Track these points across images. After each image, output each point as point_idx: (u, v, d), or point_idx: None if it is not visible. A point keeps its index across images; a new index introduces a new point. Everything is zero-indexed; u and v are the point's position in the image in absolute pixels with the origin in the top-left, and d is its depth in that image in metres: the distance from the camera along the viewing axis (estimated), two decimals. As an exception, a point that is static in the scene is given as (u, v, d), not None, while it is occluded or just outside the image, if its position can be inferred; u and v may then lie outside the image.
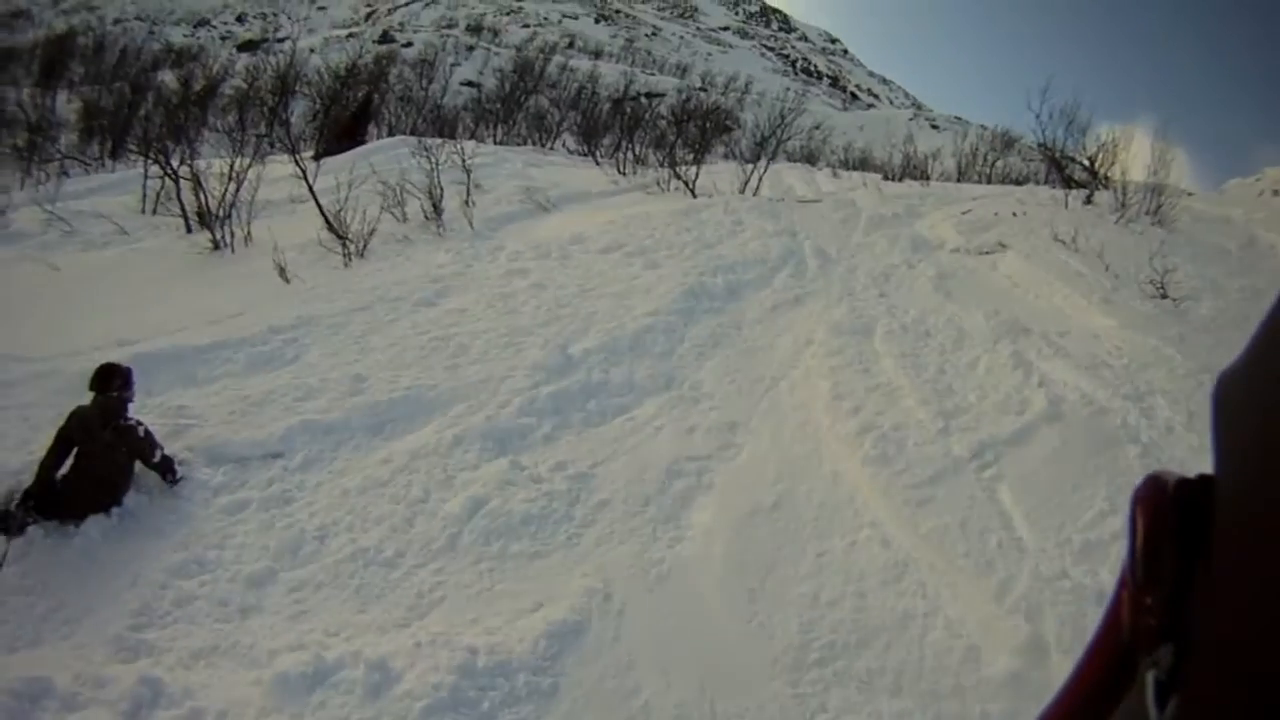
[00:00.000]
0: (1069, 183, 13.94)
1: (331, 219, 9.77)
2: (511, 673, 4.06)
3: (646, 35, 78.63)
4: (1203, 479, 0.44)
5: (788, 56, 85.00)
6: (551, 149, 19.20)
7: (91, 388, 5.74)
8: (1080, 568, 4.36)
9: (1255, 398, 0.41)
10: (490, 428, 5.90)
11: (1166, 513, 0.45)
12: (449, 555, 4.94)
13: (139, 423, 5.75)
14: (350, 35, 60.76)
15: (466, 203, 10.91)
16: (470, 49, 58.57)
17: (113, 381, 5.76)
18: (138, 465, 5.75)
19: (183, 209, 11.28)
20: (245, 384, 6.68)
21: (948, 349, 6.84)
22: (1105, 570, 4.33)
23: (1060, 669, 3.74)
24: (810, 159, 23.43)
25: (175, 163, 12.04)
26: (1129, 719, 0.48)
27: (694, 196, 12.20)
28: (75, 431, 5.59)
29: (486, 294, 7.94)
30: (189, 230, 11.11)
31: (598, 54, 65.10)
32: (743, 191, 12.97)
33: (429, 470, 5.58)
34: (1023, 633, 4.00)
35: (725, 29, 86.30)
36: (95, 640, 4.69)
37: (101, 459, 5.60)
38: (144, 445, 5.68)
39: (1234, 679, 0.40)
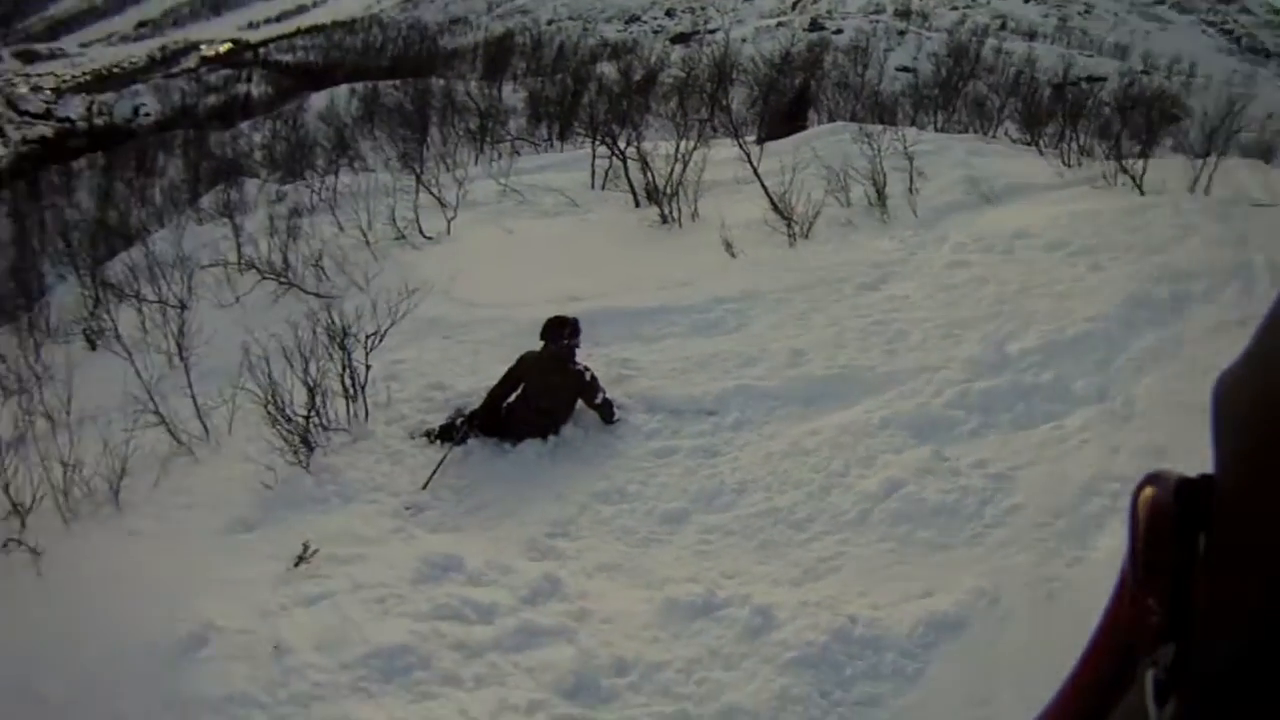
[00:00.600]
0: None
1: (776, 200, 10.12)
2: (882, 649, 4.25)
3: (1079, 13, 71.13)
4: (1203, 478, 0.45)
5: (1231, 32, 72.40)
6: (993, 137, 18.34)
7: (542, 337, 6.65)
8: None
9: (1255, 397, 0.41)
10: (918, 415, 5.99)
11: (1166, 512, 0.46)
12: (856, 529, 5.17)
13: (586, 368, 6.62)
14: (780, 24, 62.15)
15: (910, 190, 10.79)
16: (901, 34, 57.14)
17: (562, 332, 6.65)
18: (578, 405, 6.67)
19: (630, 185, 12.34)
20: (687, 346, 7.38)
21: None
22: None
23: None
24: (1265, 153, 19.95)
25: (622, 144, 13.11)
26: (1129, 718, 0.48)
27: (1141, 194, 11.11)
28: (524, 373, 6.59)
29: (928, 283, 7.92)
30: (637, 205, 12.14)
31: (1031, 35, 60.29)
32: (1191, 190, 11.55)
33: (852, 446, 5.82)
34: None
35: (1161, 2, 75.62)
36: (510, 538, 5.63)
37: (547, 397, 6.54)
38: (590, 388, 6.55)
39: (1234, 678, 0.41)
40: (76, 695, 4.83)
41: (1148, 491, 0.48)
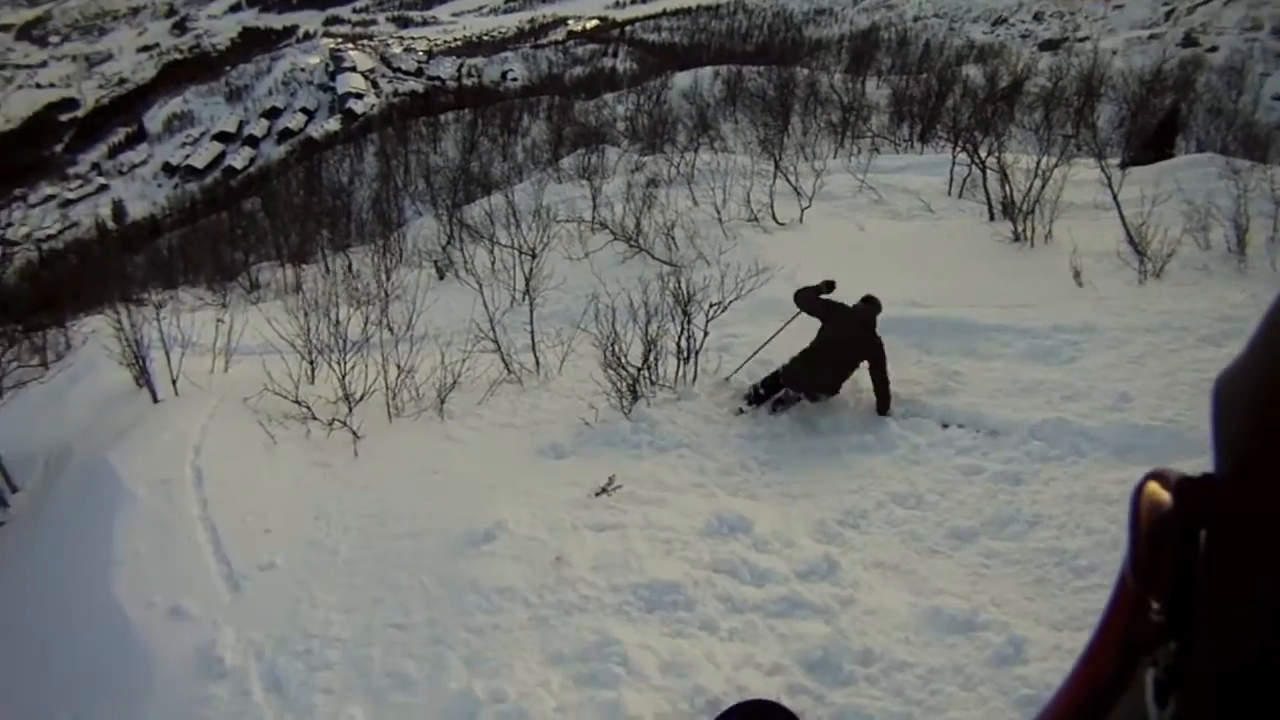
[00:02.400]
0: None
1: (1133, 232, 9.64)
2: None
3: None
4: (1203, 478, 0.45)
5: None
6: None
7: (863, 301, 7.03)
8: None
9: (1255, 397, 0.42)
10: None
11: (1167, 512, 0.46)
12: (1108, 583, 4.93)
13: (881, 340, 6.89)
14: (1152, 36, 56.46)
15: (1274, 239, 9.76)
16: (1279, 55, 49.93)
17: (877, 303, 7.00)
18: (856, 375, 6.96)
19: (988, 197, 12.15)
20: (1017, 369, 7.28)
21: None
22: None
23: None
24: None
25: (983, 153, 12.89)
26: (1129, 718, 0.48)
27: None
28: (834, 317, 6.93)
29: None
30: (991, 218, 11.96)
31: None
32: None
33: (1160, 506, 5.52)
34: None
35: None
36: (802, 516, 5.90)
37: (842, 351, 6.89)
38: (883, 357, 6.85)
39: (1234, 677, 0.41)
40: (375, 561, 5.76)
41: (1148, 491, 0.48)
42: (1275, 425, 0.40)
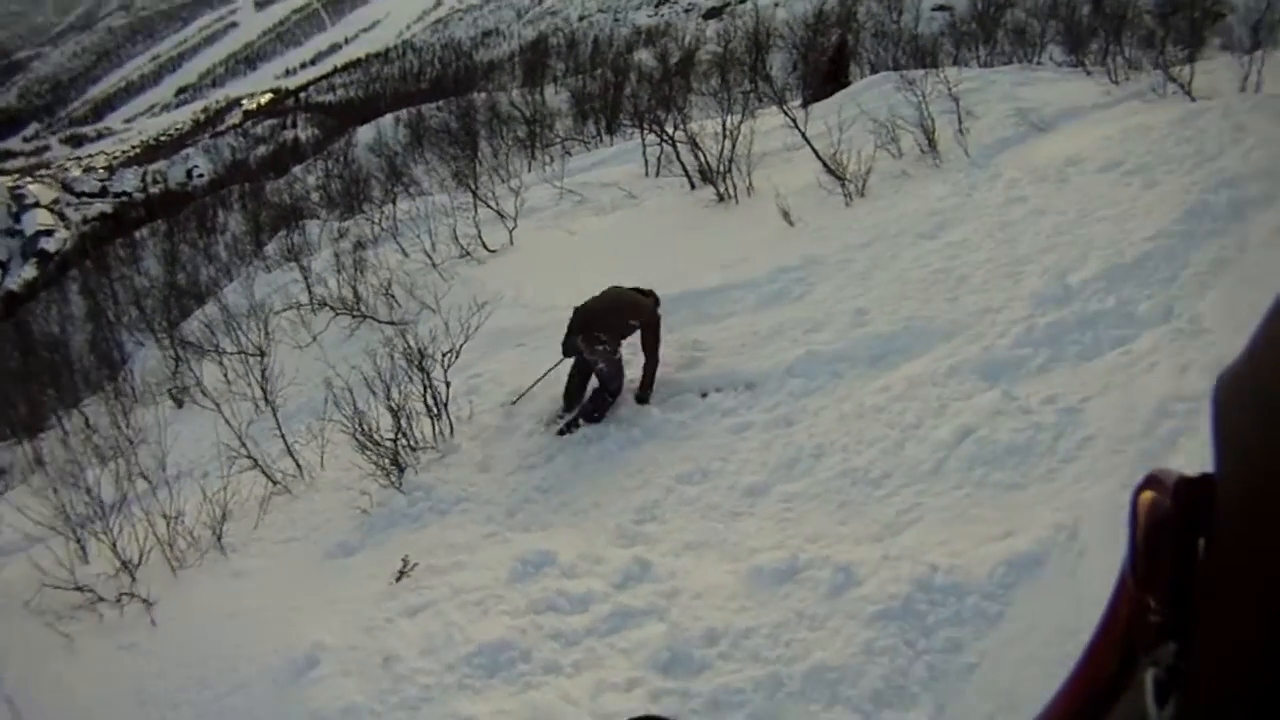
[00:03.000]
0: None
1: (828, 161, 10.14)
2: (964, 594, 4.29)
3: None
4: (1203, 478, 0.45)
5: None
6: (1039, 64, 17.85)
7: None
8: None
9: (1255, 398, 0.41)
10: (985, 358, 5.99)
11: (1166, 512, 0.46)
12: (932, 479, 5.22)
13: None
14: (812, -16, 61.02)
15: (960, 131, 10.59)
16: (933, -29, 55.75)
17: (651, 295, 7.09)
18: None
19: (684, 169, 12.45)
20: (755, 319, 7.51)
21: None
22: None
23: None
24: None
25: (670, 129, 13.21)
26: (1129, 718, 0.48)
27: (1191, 100, 10.72)
28: (587, 322, 6.88)
29: (985, 224, 7.87)
30: (693, 187, 12.25)
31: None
32: (1242, 89, 11.08)
33: (924, 398, 5.86)
34: None
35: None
36: (599, 528, 5.85)
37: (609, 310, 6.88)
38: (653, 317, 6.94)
39: (1234, 677, 0.41)
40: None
41: (1147, 492, 0.48)
42: (1275, 426, 0.39)
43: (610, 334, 6.80)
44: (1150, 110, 10.60)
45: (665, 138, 13.18)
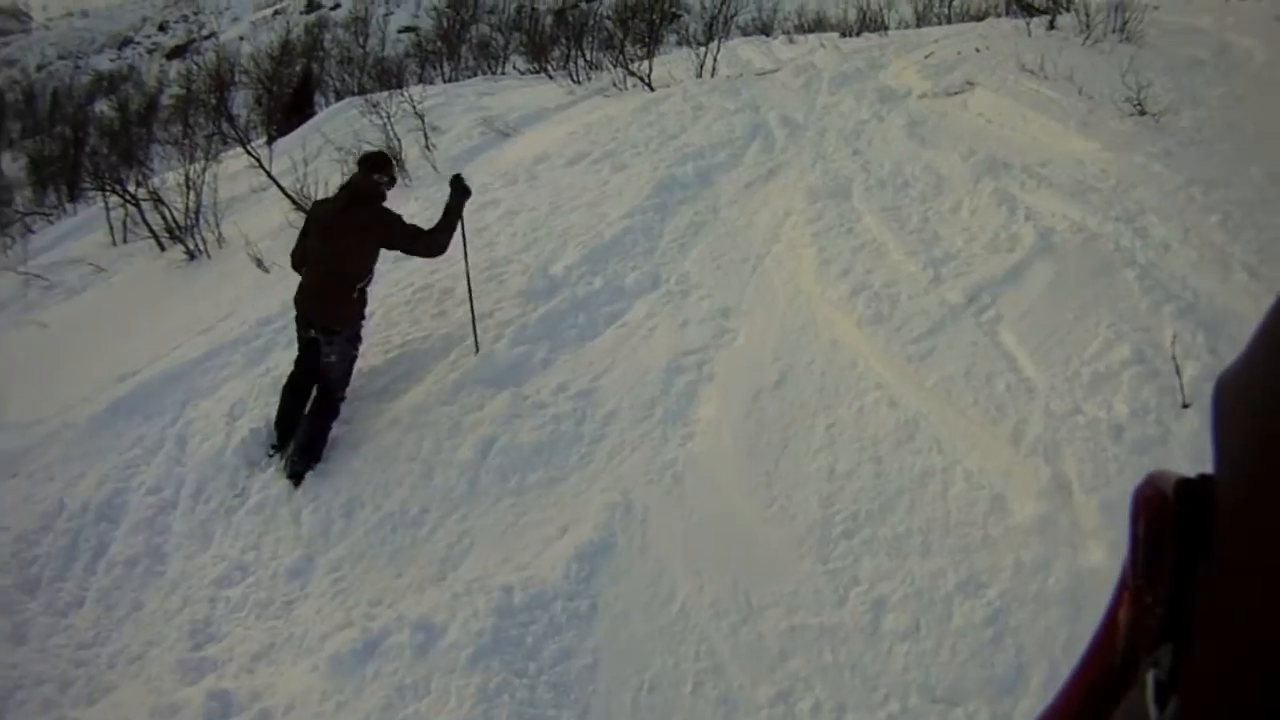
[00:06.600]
0: (1030, 10, 13.16)
1: (296, 198, 9.64)
2: (548, 603, 4.08)
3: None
4: (1203, 478, 0.44)
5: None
6: (502, 74, 18.74)
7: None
8: (1092, 401, 4.21)
9: (1255, 398, 0.40)
10: (486, 366, 5.84)
11: (1166, 512, 0.45)
12: (470, 501, 4.94)
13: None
14: (276, 13, 59.16)
15: (426, 147, 10.66)
16: (399, -3, 56.74)
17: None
18: None
19: (150, 230, 11.07)
20: (250, 379, 6.67)
21: (928, 196, 6.56)
22: (1119, 401, 4.14)
23: (1085, 510, 3.69)
24: (765, 30, 22.66)
25: (132, 187, 11.83)
26: (1129, 719, 0.48)
27: (651, 90, 11.84)
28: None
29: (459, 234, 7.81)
30: (162, 249, 10.92)
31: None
32: (699, 75, 12.59)
33: (436, 422, 5.54)
34: (1044, 475, 3.89)
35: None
36: (160, 669, 4.76)
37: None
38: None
39: (1235, 679, 0.40)
40: None
41: (1148, 492, 0.47)
42: (1275, 427, 0.39)
43: None
44: (612, 103, 11.48)
45: (128, 197, 11.65)
